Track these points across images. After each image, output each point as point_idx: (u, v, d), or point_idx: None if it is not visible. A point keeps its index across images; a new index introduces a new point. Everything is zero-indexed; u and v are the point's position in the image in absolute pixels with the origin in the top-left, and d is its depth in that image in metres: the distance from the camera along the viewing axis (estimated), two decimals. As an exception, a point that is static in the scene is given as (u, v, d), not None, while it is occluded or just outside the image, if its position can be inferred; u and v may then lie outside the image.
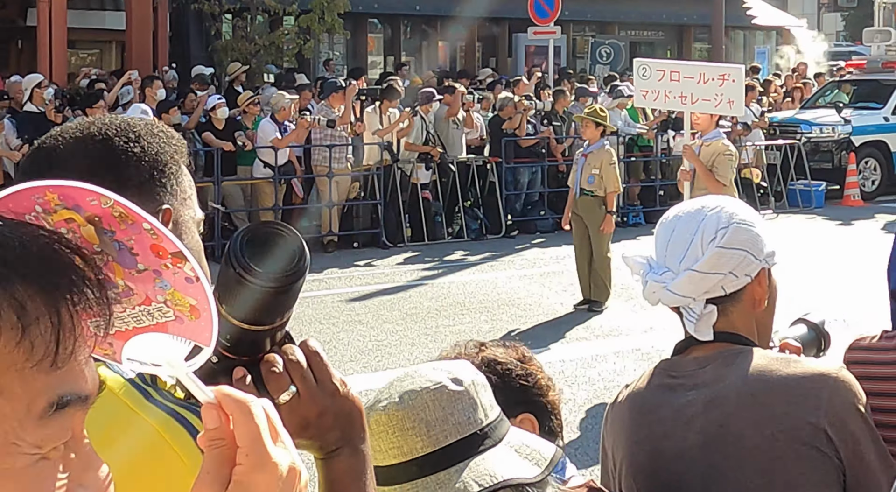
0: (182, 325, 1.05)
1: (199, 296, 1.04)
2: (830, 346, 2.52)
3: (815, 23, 40.27)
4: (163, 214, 1.60)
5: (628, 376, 8.43)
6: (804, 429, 2.09)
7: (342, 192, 14.70)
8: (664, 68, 9.91)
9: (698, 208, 2.25)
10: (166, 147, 1.65)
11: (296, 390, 1.30)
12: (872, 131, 19.24)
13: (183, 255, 1.01)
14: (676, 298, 2.22)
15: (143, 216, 0.99)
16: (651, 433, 2.24)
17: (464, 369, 1.72)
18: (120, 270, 1.01)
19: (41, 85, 14.05)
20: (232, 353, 1.30)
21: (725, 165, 9.29)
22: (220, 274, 1.27)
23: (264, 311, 1.27)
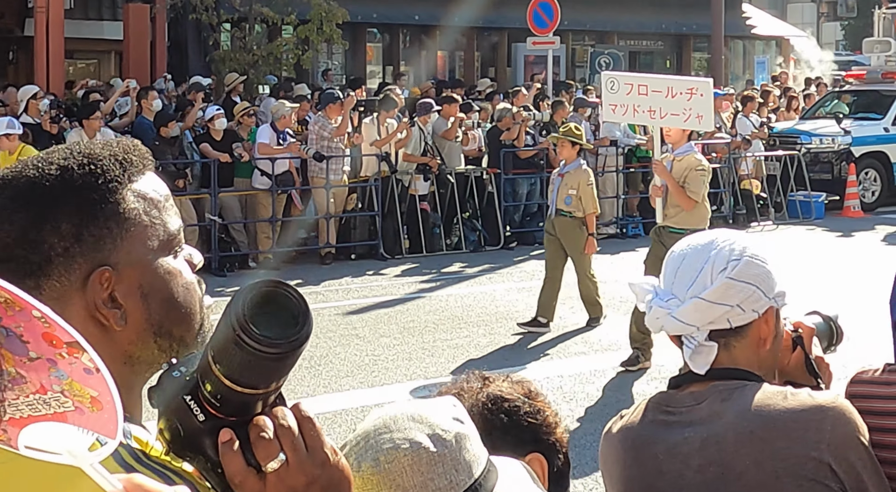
0: (83, 416, 0.98)
1: (100, 388, 0.97)
2: (843, 341, 2.44)
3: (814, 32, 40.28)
4: (100, 275, 1.38)
5: (627, 392, 8.39)
6: (807, 464, 2.03)
7: (339, 203, 14.64)
8: (632, 82, 9.76)
9: (711, 239, 2.21)
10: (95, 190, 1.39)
11: (285, 459, 1.23)
12: (872, 142, 19.19)
13: (79, 345, 0.94)
14: (680, 326, 2.16)
15: (31, 303, 0.91)
16: (645, 470, 2.18)
17: (447, 420, 1.62)
18: (9, 356, 0.94)
19: (37, 96, 14.00)
20: (220, 412, 1.24)
21: (697, 180, 9.00)
22: (217, 329, 1.21)
23: (261, 375, 1.21)
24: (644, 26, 28.42)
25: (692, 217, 8.97)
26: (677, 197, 8.97)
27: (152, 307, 1.42)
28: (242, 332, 1.18)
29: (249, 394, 1.22)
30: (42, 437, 0.98)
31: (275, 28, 20.83)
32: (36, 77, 17.09)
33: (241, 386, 1.21)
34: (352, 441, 1.64)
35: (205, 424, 1.23)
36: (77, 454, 0.98)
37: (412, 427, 1.59)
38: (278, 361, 1.20)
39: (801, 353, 2.28)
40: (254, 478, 1.22)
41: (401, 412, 1.63)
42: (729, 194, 17.48)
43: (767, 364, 2.22)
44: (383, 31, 25.91)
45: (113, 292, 1.39)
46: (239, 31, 20.40)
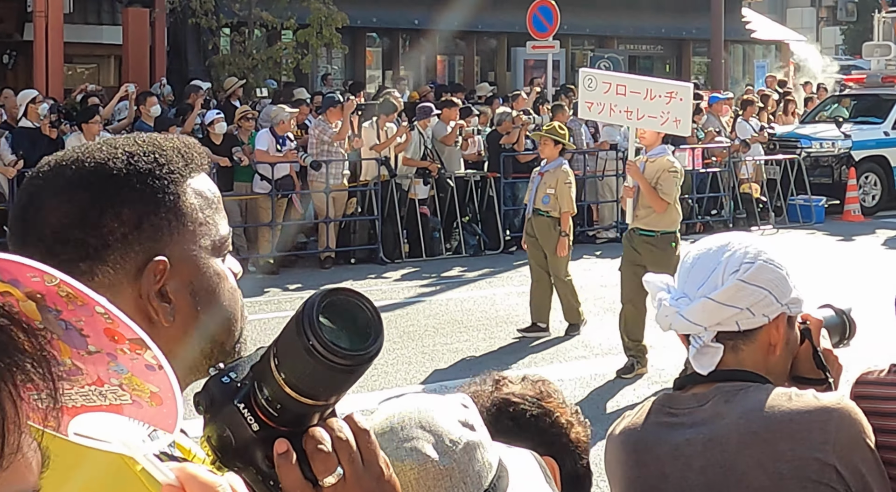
0: (141, 410, 0.95)
1: (162, 384, 0.94)
2: (855, 335, 2.41)
3: (814, 37, 40.29)
4: (156, 266, 1.35)
5: (628, 396, 8.36)
6: (812, 465, 2.01)
7: (339, 207, 14.62)
8: (610, 81, 9.68)
9: (727, 242, 2.19)
10: (158, 180, 1.38)
11: (342, 473, 1.18)
12: (872, 146, 19.18)
13: (143, 342, 0.91)
14: (688, 325, 2.14)
15: (94, 299, 0.88)
16: (648, 472, 2.16)
17: (456, 428, 1.56)
18: (66, 348, 0.90)
19: (36, 100, 13.97)
20: (275, 422, 1.19)
21: (670, 182, 8.93)
22: (284, 335, 1.16)
23: (328, 386, 1.16)
24: (644, 30, 28.41)
25: (663, 219, 8.91)
26: (649, 198, 8.91)
27: (200, 307, 1.39)
28: (316, 341, 1.13)
29: (311, 405, 1.17)
30: (94, 426, 0.95)
31: (274, 32, 20.80)
32: (35, 81, 17.07)
33: (305, 396, 1.16)
34: None
35: (258, 433, 1.18)
36: (130, 445, 0.96)
37: (419, 436, 1.53)
38: (348, 374, 1.16)
39: (808, 345, 2.24)
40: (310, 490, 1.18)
41: (408, 415, 1.57)
42: (729, 198, 17.47)
43: (777, 371, 2.18)
44: (383, 35, 25.90)
45: (164, 286, 1.36)
46: (238, 36, 20.38)
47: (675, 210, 9.04)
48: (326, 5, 19.64)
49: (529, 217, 10.39)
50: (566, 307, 10.26)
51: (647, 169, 9.02)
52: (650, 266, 8.82)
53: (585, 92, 9.81)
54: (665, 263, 8.73)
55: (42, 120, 13.48)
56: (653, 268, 8.84)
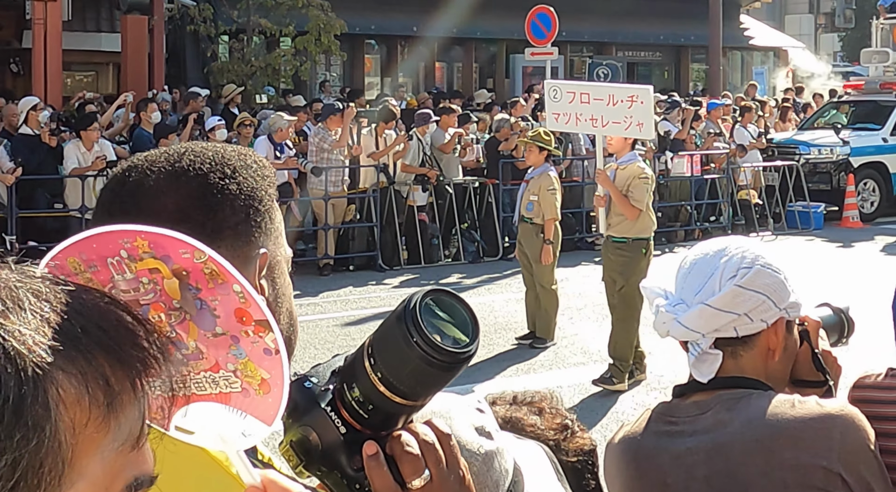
0: (247, 398, 0.99)
1: (274, 370, 0.98)
2: (854, 332, 2.39)
3: (812, 43, 40.34)
4: (259, 259, 1.41)
5: (627, 402, 8.35)
6: (816, 474, 2.00)
7: (338, 214, 14.62)
8: (574, 90, 9.60)
9: (723, 246, 2.16)
10: (260, 182, 1.45)
11: (430, 476, 1.19)
12: (871, 152, 19.19)
13: (268, 324, 0.96)
14: (685, 332, 2.12)
15: (235, 277, 0.93)
16: (649, 482, 2.14)
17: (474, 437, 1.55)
18: (195, 330, 0.96)
19: (36, 107, 13.98)
20: (363, 425, 1.19)
21: (640, 188, 8.81)
22: (382, 334, 1.17)
23: (425, 385, 1.17)
24: (642, 37, 28.45)
25: (635, 226, 8.83)
26: (620, 206, 8.82)
27: (281, 310, 1.45)
28: (420, 337, 1.14)
29: (403, 405, 1.18)
30: (197, 418, 0.99)
31: (273, 39, 20.83)
32: (34, 89, 17.08)
33: (399, 395, 1.17)
34: None
35: (345, 436, 1.19)
36: (227, 439, 0.99)
37: None
38: (447, 372, 1.16)
39: (807, 348, 2.22)
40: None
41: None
42: (728, 205, 17.48)
43: (777, 376, 2.16)
44: (381, 42, 25.93)
45: (261, 281, 1.41)
46: (237, 43, 20.41)
47: (648, 217, 8.92)
48: (325, 12, 19.66)
49: (516, 225, 10.31)
50: (543, 320, 10.07)
51: (617, 176, 8.92)
52: (620, 272, 8.82)
53: (552, 103, 9.71)
54: (634, 270, 8.71)
55: (42, 128, 13.48)
56: (623, 273, 8.79)
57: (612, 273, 8.95)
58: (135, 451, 0.83)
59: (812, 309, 2.33)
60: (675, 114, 17.64)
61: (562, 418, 2.03)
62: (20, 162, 12.87)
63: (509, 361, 9.72)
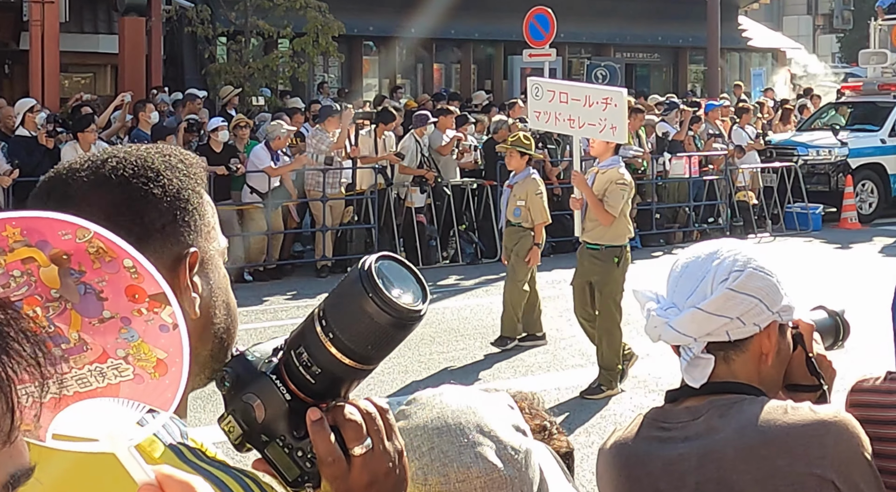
0: (140, 385, 0.95)
1: (172, 347, 0.94)
2: (850, 336, 2.36)
3: (810, 45, 40.36)
4: (189, 257, 1.42)
5: (624, 404, 8.33)
6: (809, 481, 1.97)
7: (336, 216, 14.60)
8: (554, 89, 9.43)
9: (715, 249, 2.13)
10: (187, 181, 1.46)
11: (371, 444, 1.22)
12: (869, 153, 19.18)
13: (165, 297, 0.92)
14: (677, 336, 2.09)
15: (126, 251, 0.90)
16: (640, 488, 2.12)
17: (514, 435, 1.55)
18: (78, 319, 0.91)
19: (33, 109, 13.96)
20: (307, 392, 1.22)
21: (617, 194, 8.61)
22: (335, 297, 1.20)
23: (377, 345, 1.20)
24: (640, 38, 28.45)
25: (608, 233, 8.68)
26: (595, 211, 8.64)
27: (217, 303, 1.45)
28: (376, 295, 1.16)
29: (352, 368, 1.20)
30: (77, 419, 0.94)
31: (271, 41, 20.80)
32: (31, 91, 17.05)
33: (350, 357, 1.19)
34: (408, 436, 1.54)
35: (290, 404, 1.21)
36: (116, 437, 0.95)
37: (482, 442, 1.52)
38: (400, 330, 1.19)
39: (801, 351, 2.20)
40: (342, 460, 1.21)
41: (464, 416, 1.55)
42: (726, 206, 17.47)
43: (770, 380, 2.13)
44: (379, 43, 25.91)
45: (194, 278, 1.41)
46: (235, 44, 20.38)
47: (624, 224, 8.75)
48: (323, 14, 19.64)
49: (502, 230, 10.15)
50: (507, 318, 9.96)
51: (597, 180, 8.76)
52: (594, 280, 8.71)
53: (534, 101, 9.56)
54: (608, 279, 8.62)
55: (39, 129, 13.46)
56: (597, 284, 8.69)
57: (583, 279, 8.81)
58: (6, 447, 0.79)
59: (807, 312, 2.31)
60: (673, 115, 17.63)
61: (541, 420, 2.02)
62: (17, 164, 12.86)
63: (507, 362, 9.71)
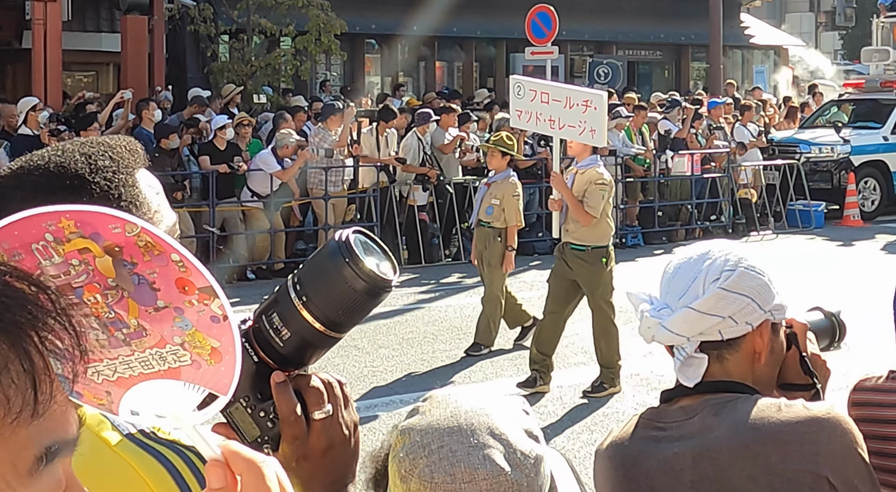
0: (198, 371, 0.98)
1: (224, 336, 0.96)
2: (846, 337, 2.37)
3: (812, 42, 40.32)
4: None
5: (627, 402, 8.34)
6: (804, 478, 1.98)
7: (338, 214, 14.61)
8: (536, 88, 9.30)
9: (707, 250, 2.15)
10: (115, 177, 1.46)
11: (330, 410, 1.28)
12: (872, 151, 19.17)
13: (213, 291, 0.94)
14: (670, 336, 2.11)
15: (173, 246, 0.92)
16: (637, 487, 2.13)
17: (525, 439, 1.55)
18: (135, 307, 0.94)
19: (36, 108, 13.97)
20: (273, 357, 1.27)
21: (596, 194, 8.52)
22: (311, 264, 1.27)
23: (348, 311, 1.25)
24: (642, 36, 28.44)
25: (591, 233, 8.59)
26: (575, 212, 8.55)
27: None
28: (352, 260, 1.22)
29: (320, 333, 1.25)
30: (145, 398, 0.97)
31: (273, 39, 20.81)
32: (34, 90, 17.06)
33: (321, 322, 1.24)
34: (419, 434, 1.55)
35: (257, 366, 1.26)
36: (182, 417, 0.98)
37: (492, 444, 1.53)
38: (371, 298, 1.25)
39: (795, 351, 2.21)
40: (303, 421, 1.27)
41: (476, 417, 1.55)
42: (728, 204, 17.46)
43: (763, 379, 2.15)
44: (381, 42, 25.91)
45: None
46: (237, 43, 20.39)
47: (606, 224, 8.68)
48: (325, 12, 19.64)
49: (472, 229, 10.01)
50: (482, 327, 9.85)
51: (576, 181, 8.66)
52: (581, 282, 8.64)
53: (515, 100, 9.38)
54: (596, 279, 8.58)
55: (42, 128, 13.47)
56: (586, 287, 8.63)
57: (563, 278, 8.71)
58: (38, 419, 0.80)
59: (803, 313, 2.33)
60: (675, 113, 17.63)
61: None
62: (20, 163, 12.85)
63: (510, 361, 9.71)
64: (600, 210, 8.55)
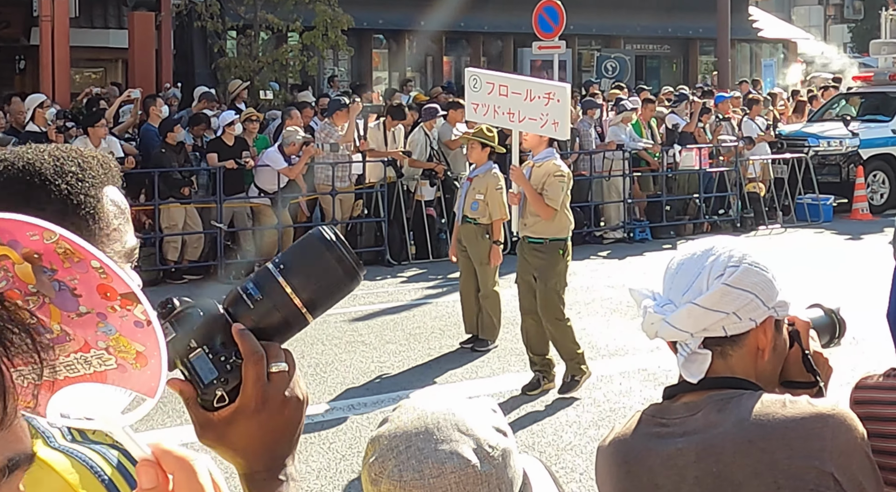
0: (124, 374, 0.98)
1: (149, 341, 0.96)
2: (846, 334, 2.37)
3: (821, 35, 40.21)
4: None
5: (634, 397, 8.33)
6: (809, 474, 1.97)
7: (346, 210, 14.61)
8: (493, 81, 9.11)
9: (710, 246, 2.14)
10: (79, 185, 1.47)
11: (286, 367, 1.33)
12: (880, 144, 19.11)
13: (135, 296, 0.94)
14: (673, 332, 2.10)
15: (91, 253, 0.92)
16: (639, 484, 2.12)
17: (492, 433, 1.56)
18: (57, 313, 0.94)
19: (43, 105, 13.98)
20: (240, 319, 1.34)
21: (556, 186, 8.34)
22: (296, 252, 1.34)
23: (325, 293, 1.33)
24: (650, 30, 28.39)
25: (551, 226, 8.44)
26: (535, 205, 8.38)
27: None
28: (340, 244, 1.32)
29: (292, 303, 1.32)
30: (72, 401, 0.98)
31: (280, 35, 20.81)
32: (42, 86, 17.10)
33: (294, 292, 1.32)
34: (387, 439, 1.57)
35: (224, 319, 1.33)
36: (110, 419, 0.98)
37: (458, 440, 1.54)
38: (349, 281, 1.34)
39: (797, 349, 2.20)
40: (264, 359, 1.32)
41: (443, 417, 1.57)
42: (736, 198, 17.43)
43: (766, 375, 2.14)
44: (389, 37, 25.91)
45: None
46: (244, 39, 20.39)
47: (565, 216, 8.50)
48: (332, 7, 19.64)
49: (458, 225, 9.90)
50: (486, 323, 9.82)
51: (533, 174, 8.49)
52: (538, 274, 8.48)
53: (471, 92, 9.17)
54: (552, 272, 8.42)
55: (49, 125, 13.48)
56: (540, 276, 8.44)
57: (526, 275, 8.60)
58: (4, 431, 0.81)
59: (803, 310, 2.32)
60: (683, 107, 17.60)
61: None
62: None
63: (516, 355, 9.70)
64: (560, 202, 8.40)
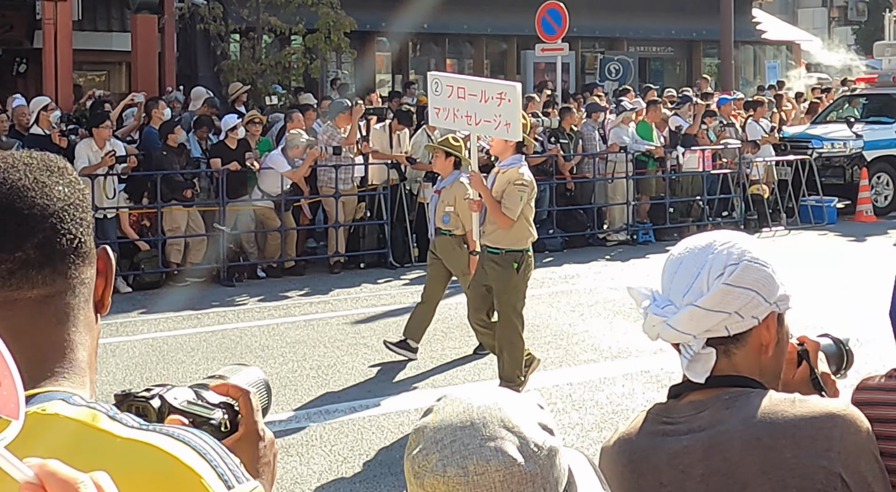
0: None
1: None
2: (853, 366, 2.37)
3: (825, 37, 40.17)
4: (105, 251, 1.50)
5: (637, 399, 8.31)
6: (817, 474, 1.95)
7: (349, 212, 14.60)
8: (453, 84, 8.81)
9: (709, 242, 2.09)
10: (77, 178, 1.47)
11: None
12: (884, 146, 19.07)
13: None
14: (675, 334, 2.07)
15: None
16: (645, 483, 2.09)
17: (539, 432, 1.54)
18: None
19: (47, 108, 13.98)
20: None
21: (514, 196, 8.02)
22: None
23: None
24: (654, 32, 28.37)
25: (508, 236, 8.15)
26: (493, 213, 8.10)
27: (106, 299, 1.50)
28: None
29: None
30: None
31: (283, 37, 20.82)
32: (45, 89, 17.09)
33: None
34: (432, 431, 1.55)
35: None
36: None
37: (504, 436, 1.52)
38: None
39: (806, 367, 2.19)
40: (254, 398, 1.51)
41: (489, 412, 1.55)
42: (740, 200, 17.40)
43: (770, 371, 2.12)
44: (392, 39, 25.90)
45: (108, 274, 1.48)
46: (247, 41, 20.40)
47: (525, 227, 8.19)
48: (335, 10, 19.64)
49: (433, 238, 9.63)
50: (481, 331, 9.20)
51: (497, 180, 8.19)
52: (493, 285, 8.28)
53: (433, 97, 8.88)
54: (506, 285, 8.20)
55: (53, 128, 13.47)
56: (495, 290, 8.25)
57: (479, 286, 8.41)
58: None
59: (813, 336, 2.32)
60: (686, 108, 17.58)
61: None
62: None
63: (520, 358, 9.68)
64: (518, 212, 8.09)
